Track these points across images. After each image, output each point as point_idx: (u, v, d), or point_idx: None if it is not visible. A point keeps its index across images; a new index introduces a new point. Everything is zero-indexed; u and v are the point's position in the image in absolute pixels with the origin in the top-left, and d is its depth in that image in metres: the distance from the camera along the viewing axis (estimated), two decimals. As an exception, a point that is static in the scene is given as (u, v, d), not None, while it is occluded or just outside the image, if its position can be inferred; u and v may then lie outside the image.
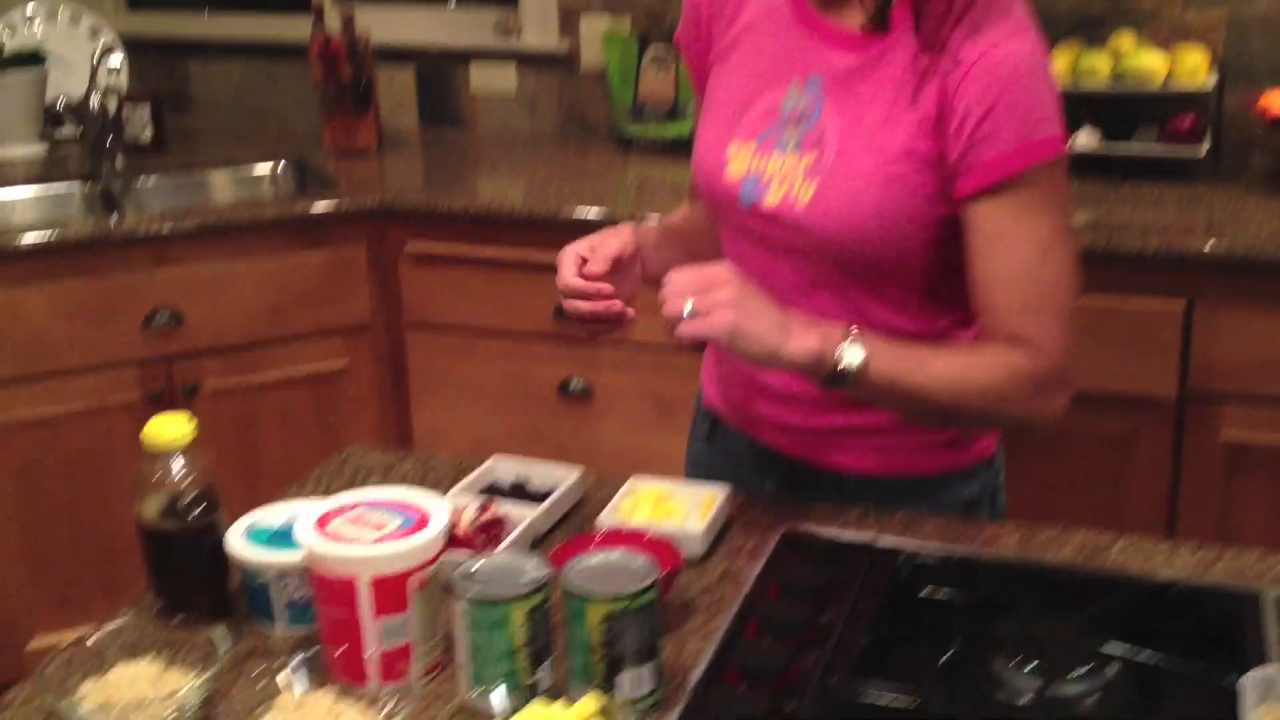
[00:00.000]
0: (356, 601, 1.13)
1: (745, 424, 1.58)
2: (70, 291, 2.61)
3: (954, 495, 1.53)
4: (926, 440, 1.51)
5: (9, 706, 1.17)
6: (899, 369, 1.35)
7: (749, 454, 1.59)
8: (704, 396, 1.67)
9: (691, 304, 1.30)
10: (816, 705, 1.13)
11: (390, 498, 1.21)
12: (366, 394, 2.93)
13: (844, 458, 1.52)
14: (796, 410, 1.52)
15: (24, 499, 2.66)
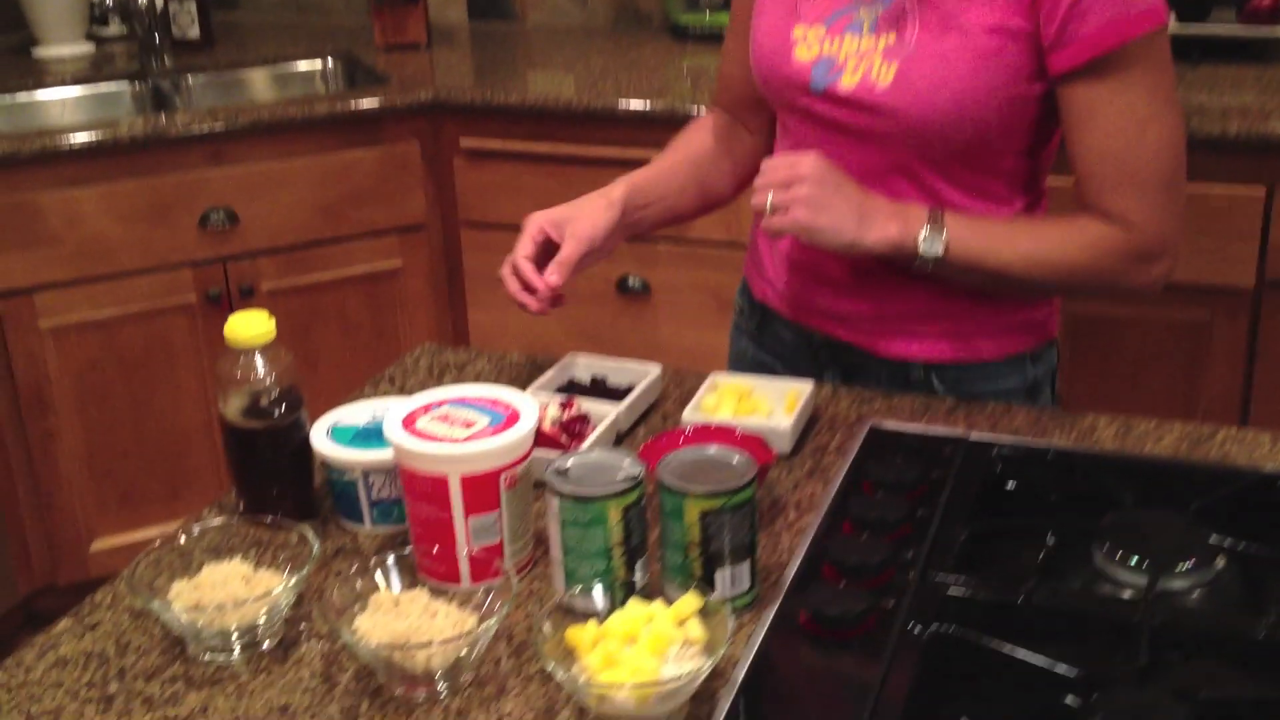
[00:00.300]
0: (448, 500, 1.11)
1: (803, 316, 1.55)
2: (124, 192, 2.58)
3: (1020, 378, 1.51)
4: (996, 324, 1.48)
5: (97, 608, 1.16)
6: (983, 250, 1.36)
7: (806, 347, 1.56)
8: (752, 291, 1.64)
9: (771, 199, 1.31)
10: (917, 602, 1.10)
11: (477, 394, 1.19)
12: (422, 294, 2.90)
13: (910, 345, 1.49)
14: (861, 299, 1.49)
15: (84, 402, 2.67)
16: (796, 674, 1.05)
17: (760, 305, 1.61)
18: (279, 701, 1.03)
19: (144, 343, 2.68)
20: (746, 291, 1.66)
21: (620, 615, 1.03)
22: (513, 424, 1.14)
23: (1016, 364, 1.50)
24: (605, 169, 2.82)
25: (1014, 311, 1.49)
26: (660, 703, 0.97)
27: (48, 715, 1.02)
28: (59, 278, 2.58)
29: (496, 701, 1.02)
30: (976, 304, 1.46)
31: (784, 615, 1.10)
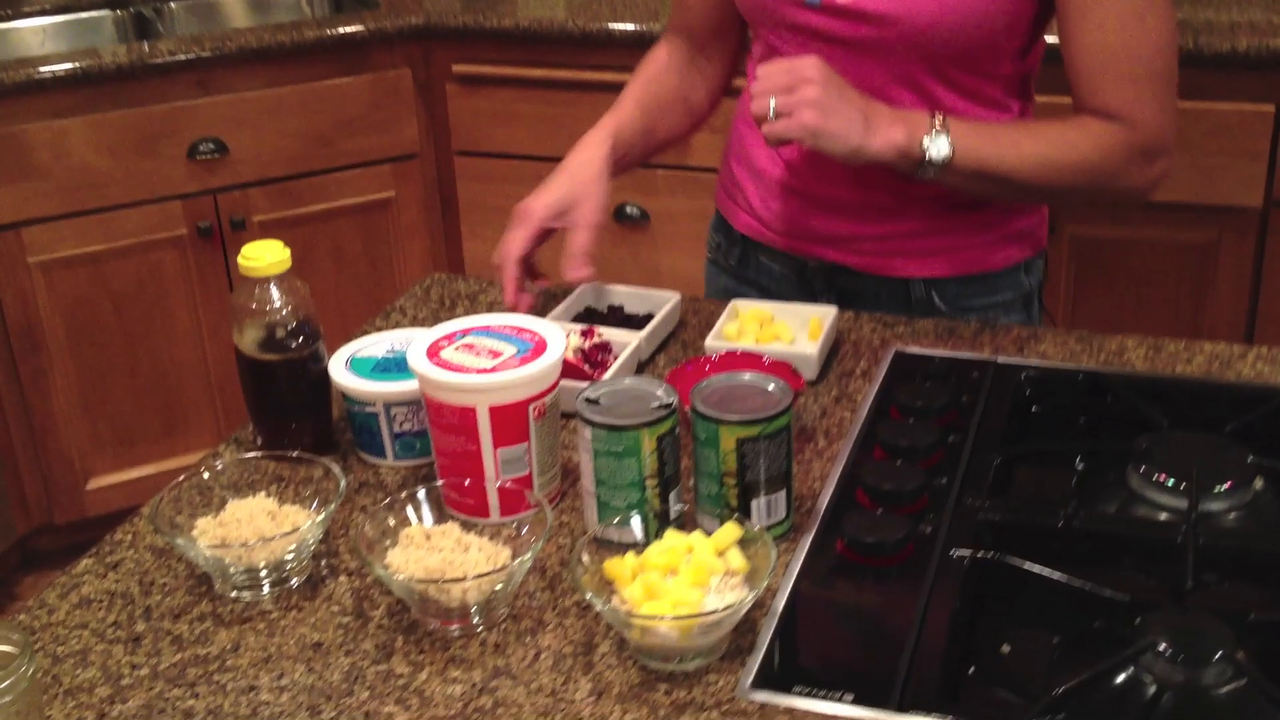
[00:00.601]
0: (476, 432, 1.08)
1: (795, 243, 1.52)
2: (110, 123, 2.52)
3: (1016, 290, 1.51)
4: (992, 235, 1.47)
5: (118, 546, 1.13)
6: (988, 154, 1.33)
7: (796, 275, 1.53)
8: (731, 224, 1.60)
9: (775, 104, 1.28)
10: (955, 527, 1.09)
11: (502, 323, 1.16)
12: (416, 224, 2.86)
13: (909, 264, 1.47)
14: (860, 220, 1.46)
15: (75, 338, 2.62)
16: (837, 602, 1.04)
17: (741, 237, 1.58)
18: (312, 638, 1.01)
19: (135, 277, 2.64)
20: (722, 226, 1.62)
21: (659, 546, 1.00)
22: (541, 353, 1.11)
23: (1013, 275, 1.50)
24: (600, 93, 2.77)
25: (1008, 222, 1.48)
26: (703, 634, 0.95)
27: (75, 657, 1.00)
28: (47, 212, 2.52)
29: (534, 635, 1.00)
30: (973, 217, 1.45)
31: (821, 544, 1.09)
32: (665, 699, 0.93)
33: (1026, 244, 1.51)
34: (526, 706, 0.93)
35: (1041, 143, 1.35)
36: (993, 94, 1.41)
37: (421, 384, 1.11)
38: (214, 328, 2.72)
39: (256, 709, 0.94)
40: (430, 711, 0.93)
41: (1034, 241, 1.52)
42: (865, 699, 0.92)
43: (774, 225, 1.53)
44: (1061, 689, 0.91)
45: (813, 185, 1.47)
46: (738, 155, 1.57)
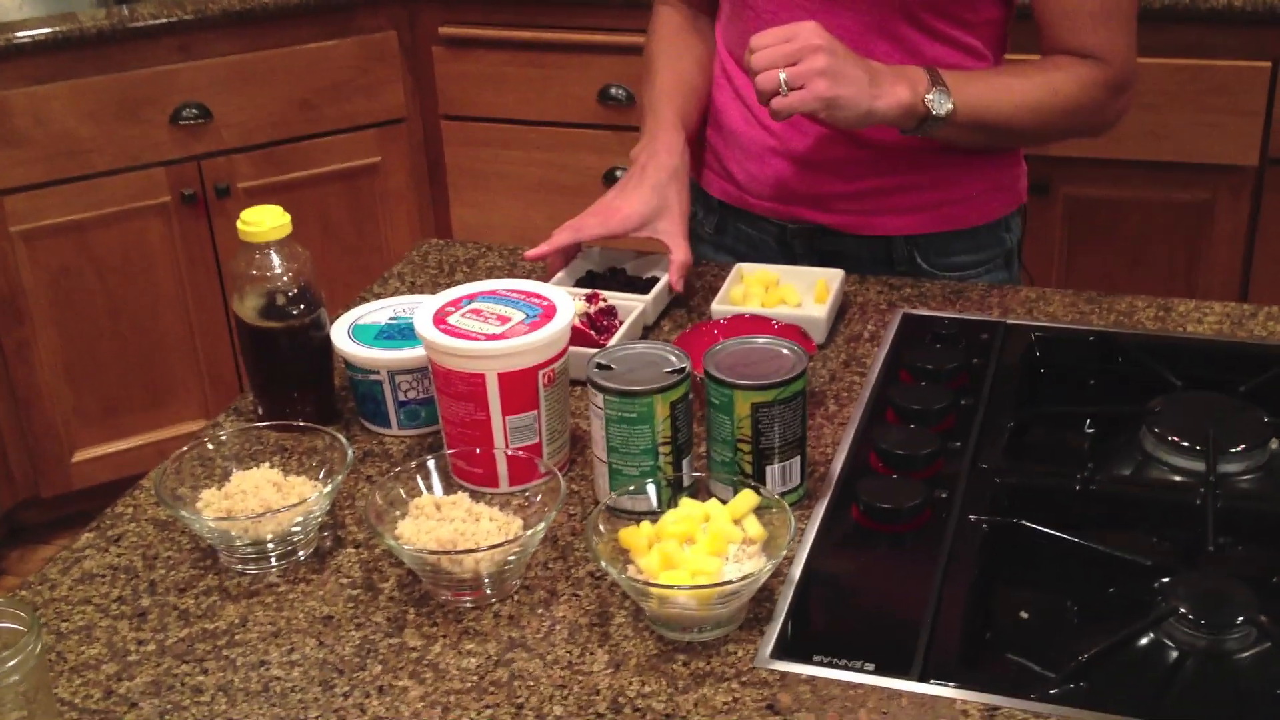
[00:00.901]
0: (485, 399, 1.06)
1: (776, 206, 1.49)
2: (91, 88, 2.48)
3: (999, 246, 1.51)
4: (975, 189, 1.46)
5: (119, 519, 1.11)
6: (986, 103, 1.34)
7: (775, 239, 1.51)
8: (707, 191, 1.56)
9: (785, 77, 1.24)
10: (971, 492, 1.08)
11: (509, 288, 1.13)
12: (403, 190, 2.82)
13: (892, 221, 1.46)
14: (839, 177, 1.45)
15: (59, 309, 2.58)
16: (855, 569, 1.02)
17: (718, 204, 1.56)
18: (321, 611, 0.99)
19: (119, 246, 2.60)
20: (699, 195, 1.58)
21: (675, 515, 0.99)
22: (549, 318, 1.09)
23: (995, 231, 1.49)
24: (590, 55, 2.75)
25: (992, 174, 1.47)
26: (722, 603, 0.93)
27: (79, 633, 0.98)
28: (28, 180, 2.48)
29: (548, 606, 0.98)
30: (955, 170, 1.44)
31: (835, 510, 1.07)
32: (684, 670, 0.92)
33: (1008, 197, 1.50)
34: (543, 679, 0.92)
35: (1031, 88, 1.36)
36: (971, 42, 1.40)
37: (428, 351, 1.08)
38: (200, 296, 2.69)
39: (268, 684, 0.92)
40: (445, 685, 0.92)
41: (1015, 195, 1.51)
42: (886, 668, 0.91)
43: (752, 189, 1.50)
44: (1085, 656, 0.90)
45: (792, 144, 1.45)
46: (713, 121, 1.54)
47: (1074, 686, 0.89)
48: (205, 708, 0.90)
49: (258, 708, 0.90)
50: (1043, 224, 2.46)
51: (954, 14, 1.37)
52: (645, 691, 0.90)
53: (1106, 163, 2.36)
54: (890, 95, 1.28)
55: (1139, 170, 2.37)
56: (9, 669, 0.81)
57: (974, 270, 1.48)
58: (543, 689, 0.91)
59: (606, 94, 2.64)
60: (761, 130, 1.47)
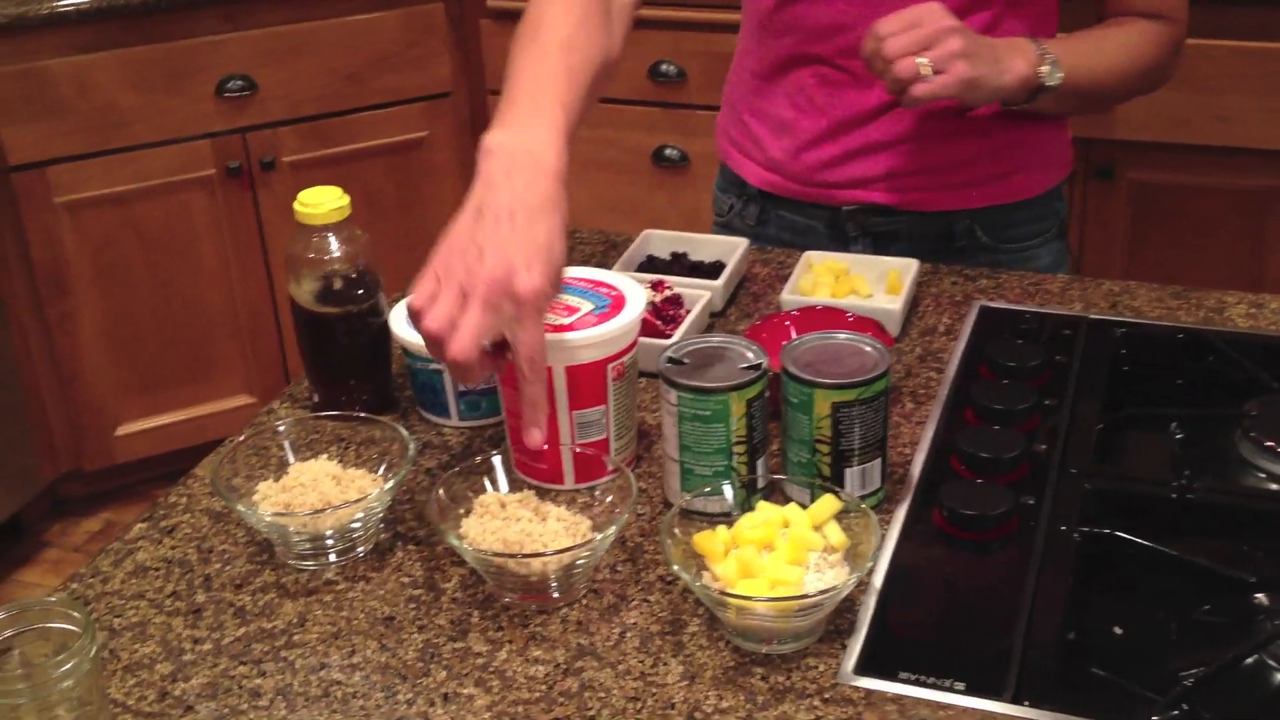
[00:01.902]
0: (552, 393, 1.02)
1: (828, 191, 1.44)
2: (136, 59, 2.45)
3: (1055, 214, 1.49)
4: (1033, 158, 1.44)
5: (172, 510, 1.07)
6: (1084, 70, 1.33)
7: (828, 223, 1.46)
8: (746, 180, 1.51)
9: (927, 62, 1.22)
10: (1060, 498, 1.02)
11: (577, 276, 1.09)
12: (448, 165, 2.78)
13: (952, 197, 1.42)
14: (898, 156, 1.40)
15: (102, 281, 2.56)
16: (939, 579, 0.98)
17: (758, 193, 1.50)
18: (383, 612, 0.95)
19: (163, 218, 2.57)
20: (734, 186, 1.53)
21: (751, 519, 0.94)
22: (619, 309, 1.04)
23: (1050, 201, 1.47)
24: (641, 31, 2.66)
25: (1044, 144, 1.45)
26: (802, 616, 0.89)
27: (133, 630, 0.94)
28: (72, 150, 2.45)
29: (618, 612, 0.94)
30: (1012, 141, 1.41)
31: (917, 515, 1.02)
32: (763, 684, 0.88)
33: (1060, 166, 1.48)
34: (615, 690, 0.87)
35: (1116, 52, 1.37)
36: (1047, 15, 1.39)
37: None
38: (243, 270, 2.66)
39: (328, 689, 0.88)
40: (512, 694, 0.88)
41: (1065, 163, 1.49)
42: (978, 688, 0.86)
43: (802, 175, 1.45)
44: (1190, 680, 0.85)
45: (846, 127, 1.40)
46: (749, 108, 1.49)
47: (1178, 712, 0.84)
48: (264, 713, 0.87)
49: (317, 713, 0.86)
50: (1106, 209, 2.39)
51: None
52: (723, 707, 0.86)
53: (1172, 147, 2.30)
54: (1012, 70, 1.28)
55: (1204, 156, 2.30)
56: (62, 674, 0.78)
57: (1034, 242, 1.45)
58: (614, 701, 0.87)
59: (657, 70, 2.59)
60: (812, 116, 1.42)
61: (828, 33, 1.37)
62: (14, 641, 0.81)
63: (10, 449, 2.51)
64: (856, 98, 1.38)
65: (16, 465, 2.53)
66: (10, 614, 0.81)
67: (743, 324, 1.29)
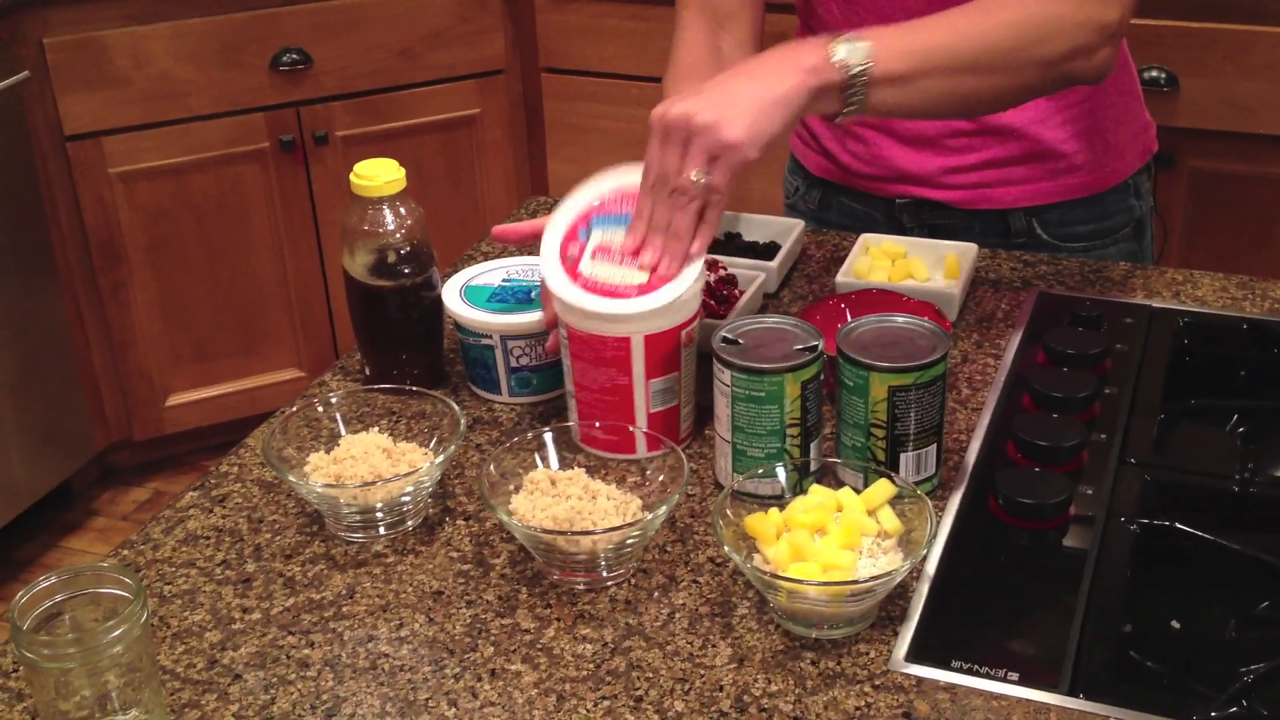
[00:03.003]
0: (630, 363, 1.01)
1: (881, 184, 1.42)
2: (193, 30, 2.45)
3: (1129, 211, 1.41)
4: (1098, 150, 1.37)
5: (224, 479, 1.08)
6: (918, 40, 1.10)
7: (884, 213, 1.43)
8: (806, 166, 1.50)
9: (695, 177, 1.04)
10: (1119, 489, 1.01)
11: (616, 202, 1.09)
12: (500, 143, 2.77)
13: (1010, 191, 1.37)
14: (949, 152, 1.37)
15: (156, 250, 2.58)
16: (994, 567, 0.96)
17: (819, 180, 1.48)
18: (431, 586, 0.95)
19: (216, 190, 2.58)
20: (798, 169, 1.52)
21: (804, 502, 0.93)
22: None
23: (1122, 196, 1.41)
24: (695, 11, 2.67)
25: (1111, 134, 1.37)
26: (855, 601, 0.88)
27: (183, 597, 0.94)
28: (127, 121, 2.46)
29: (666, 592, 0.93)
30: (1073, 134, 1.35)
31: (972, 502, 1.01)
32: (813, 669, 0.87)
33: (1131, 159, 1.40)
34: (663, 671, 0.87)
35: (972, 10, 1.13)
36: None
37: (566, 316, 1.03)
38: (295, 244, 2.66)
39: (376, 661, 0.88)
40: (560, 671, 0.87)
41: (1138, 156, 1.41)
42: (1031, 679, 0.84)
43: (855, 167, 1.43)
44: (1250, 676, 0.84)
45: (897, 123, 1.37)
46: None
47: (1236, 709, 0.82)
48: (312, 683, 0.87)
49: (365, 685, 0.86)
50: (1166, 197, 2.35)
51: None
52: (772, 690, 0.85)
53: (1235, 136, 2.25)
54: (785, 69, 1.05)
55: (1269, 144, 2.25)
56: (112, 639, 0.78)
57: (1100, 241, 1.40)
58: (662, 682, 0.86)
59: (712, 50, 2.56)
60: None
61: (849, 17, 1.33)
62: (65, 606, 0.81)
63: (61, 416, 2.53)
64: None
65: (67, 432, 2.56)
66: (62, 579, 0.82)
67: (796, 306, 1.27)
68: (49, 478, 2.55)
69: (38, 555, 2.57)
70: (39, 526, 2.62)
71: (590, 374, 1.03)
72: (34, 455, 2.49)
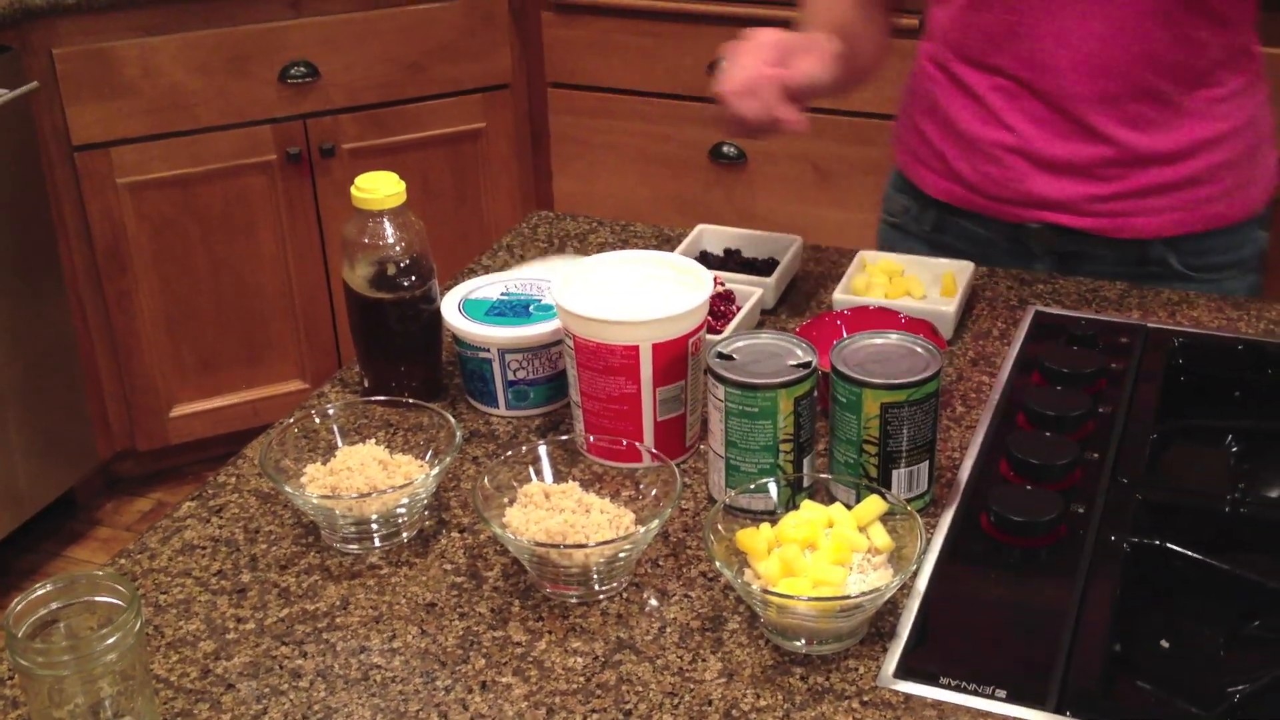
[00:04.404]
0: (638, 371, 1.02)
1: (1012, 208, 1.38)
2: (201, 42, 2.47)
3: (1255, 245, 1.40)
4: (1233, 181, 1.35)
5: (221, 489, 1.08)
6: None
7: (1010, 238, 1.40)
8: (923, 188, 1.45)
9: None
10: (1111, 508, 1.01)
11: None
12: (505, 157, 2.78)
13: (1149, 221, 1.34)
14: (1091, 180, 1.33)
15: (161, 262, 2.59)
16: (984, 585, 0.96)
17: (935, 201, 1.44)
18: (424, 598, 0.95)
19: (222, 202, 2.59)
20: (908, 189, 1.48)
21: (795, 518, 0.94)
22: None
23: (1250, 229, 1.39)
24: (701, 26, 2.68)
25: (1246, 166, 1.36)
26: (845, 616, 0.88)
27: (178, 607, 0.95)
28: (136, 132, 2.48)
29: (659, 606, 0.94)
30: (1212, 164, 1.33)
31: (964, 520, 1.01)
32: (801, 684, 0.87)
33: (1261, 190, 1.38)
34: (653, 684, 0.87)
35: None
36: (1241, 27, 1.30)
37: (572, 325, 1.04)
38: (300, 256, 2.68)
39: (368, 672, 0.89)
40: (550, 684, 0.88)
41: (1266, 187, 1.39)
42: (1019, 697, 0.85)
43: (985, 189, 1.39)
44: (1237, 695, 0.84)
45: (1036, 146, 1.34)
46: (929, 113, 1.42)
47: (1224, 728, 0.83)
48: (304, 694, 0.87)
49: (357, 696, 0.87)
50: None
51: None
52: (760, 705, 0.85)
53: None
54: None
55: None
56: (106, 647, 0.79)
57: (1229, 272, 1.37)
58: (652, 695, 0.86)
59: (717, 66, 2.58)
60: (1000, 129, 1.35)
61: (1003, 41, 1.31)
62: (61, 614, 0.82)
63: (66, 426, 2.55)
64: (1044, 113, 1.31)
65: (71, 442, 2.57)
66: (58, 586, 0.82)
67: (794, 322, 1.28)
68: (53, 487, 2.56)
69: (40, 565, 2.58)
70: (42, 536, 2.63)
71: (597, 383, 1.04)
72: (38, 465, 2.50)
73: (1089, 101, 1.30)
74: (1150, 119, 1.30)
